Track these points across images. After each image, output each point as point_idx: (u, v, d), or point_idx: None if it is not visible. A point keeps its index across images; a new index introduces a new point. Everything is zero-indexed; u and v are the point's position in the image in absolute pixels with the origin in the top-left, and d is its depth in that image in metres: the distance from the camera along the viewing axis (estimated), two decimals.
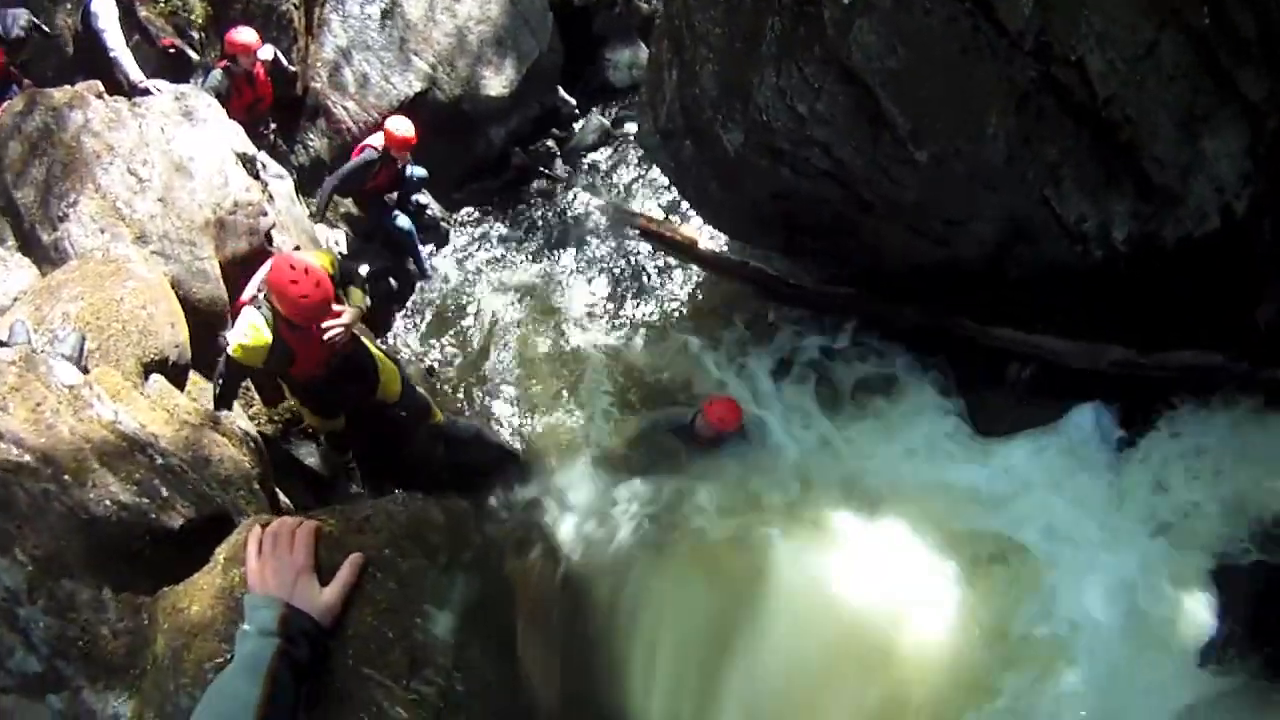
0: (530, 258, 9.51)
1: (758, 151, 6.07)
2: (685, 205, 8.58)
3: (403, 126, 8.50)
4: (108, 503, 3.40)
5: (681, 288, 8.73)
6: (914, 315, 6.81)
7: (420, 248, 9.36)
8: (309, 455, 6.81)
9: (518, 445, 7.46)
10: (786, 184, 6.14)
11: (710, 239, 8.30)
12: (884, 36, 5.45)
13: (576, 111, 10.93)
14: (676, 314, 8.53)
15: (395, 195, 9.21)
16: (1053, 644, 5.50)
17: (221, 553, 2.57)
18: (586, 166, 10.74)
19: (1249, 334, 6.20)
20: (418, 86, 10.06)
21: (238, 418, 5.77)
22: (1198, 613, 5.60)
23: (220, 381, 5.61)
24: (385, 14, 10.21)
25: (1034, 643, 5.51)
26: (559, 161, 10.70)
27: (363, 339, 6.27)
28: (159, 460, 3.84)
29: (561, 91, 11.09)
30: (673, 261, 8.78)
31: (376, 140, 8.67)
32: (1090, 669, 5.39)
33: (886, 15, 5.43)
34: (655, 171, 9.35)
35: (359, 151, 8.70)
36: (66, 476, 3.36)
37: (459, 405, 7.96)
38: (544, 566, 5.70)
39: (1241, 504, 5.97)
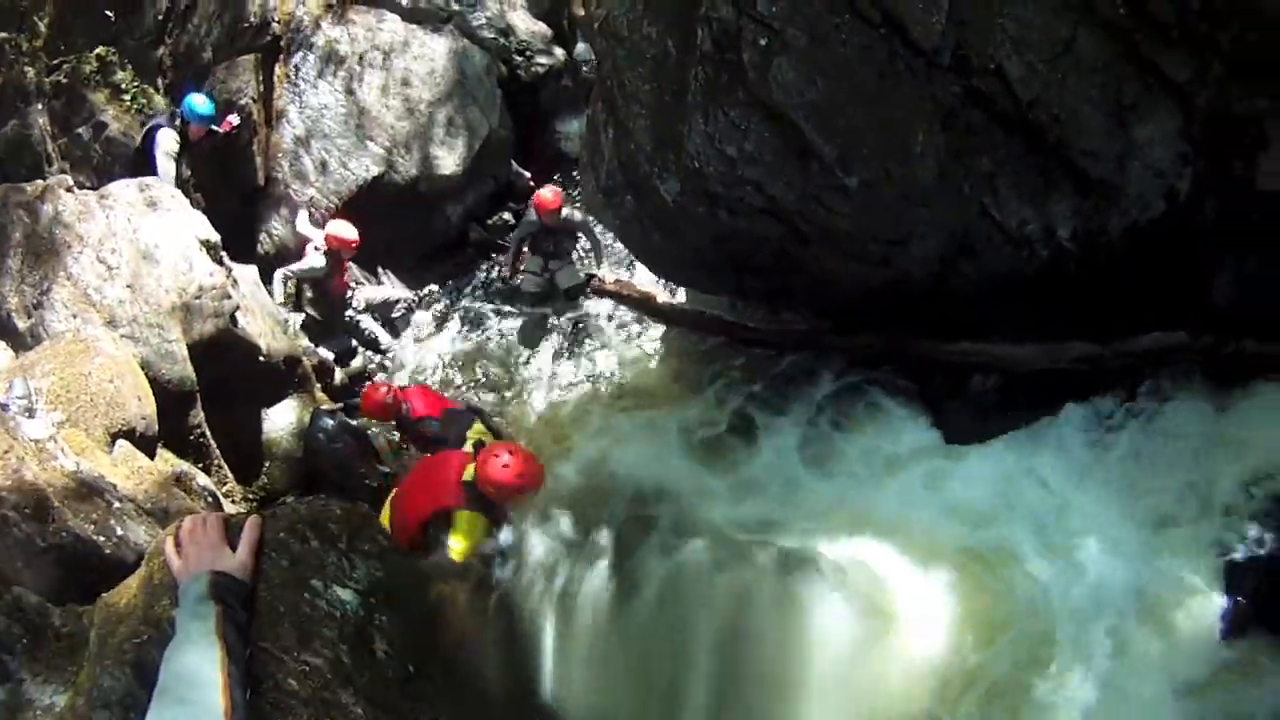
0: (493, 329, 9.62)
1: (694, 198, 6.16)
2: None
3: (344, 230, 8.72)
4: (64, 534, 3.75)
5: (644, 342, 8.77)
6: (871, 341, 6.81)
7: (381, 329, 9.50)
8: None
9: None
10: (725, 227, 6.22)
11: (668, 291, 8.44)
12: (802, 72, 5.61)
13: (531, 184, 11.00)
14: (639, 368, 8.57)
15: (353, 293, 9.40)
16: (1058, 643, 5.45)
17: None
18: None
19: (1207, 312, 6.17)
20: (375, 170, 10.27)
21: (200, 477, 6.04)
22: (1201, 595, 5.55)
23: None
24: (340, 102, 10.44)
25: (1038, 644, 5.46)
26: None
27: None
28: (116, 505, 4.19)
29: (515, 165, 11.25)
30: (634, 317, 8.90)
31: (319, 240, 8.88)
32: (1099, 663, 5.36)
33: (803, 51, 5.59)
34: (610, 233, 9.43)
35: (304, 250, 8.91)
36: (27, 509, 3.71)
37: None
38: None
39: (1229, 480, 5.91)
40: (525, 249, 9.58)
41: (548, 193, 9.33)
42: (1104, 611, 5.61)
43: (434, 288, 10.45)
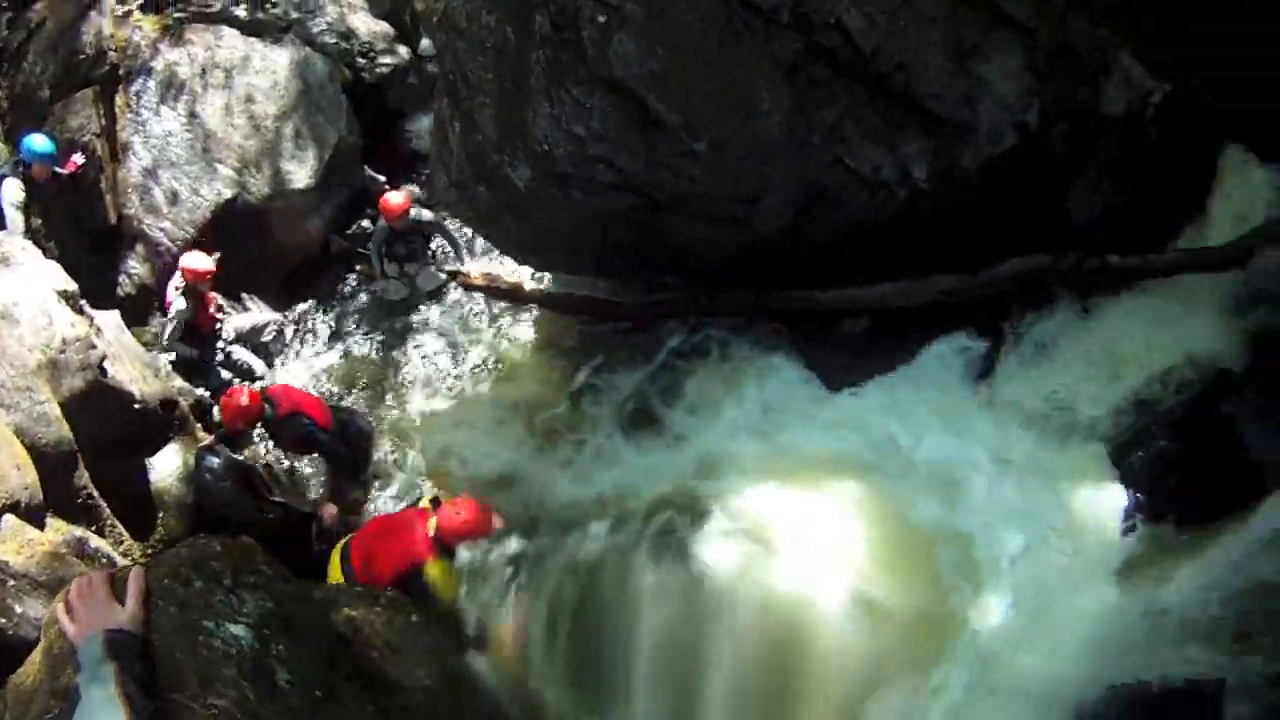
0: (365, 340, 9.35)
1: (546, 182, 6.13)
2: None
3: (196, 261, 8.36)
4: None
5: (518, 331, 8.62)
6: (739, 300, 6.82)
7: (253, 357, 9.16)
8: None
9: None
10: (580, 206, 6.20)
11: (534, 278, 8.35)
12: (642, 44, 5.61)
13: (387, 186, 10.62)
14: (516, 358, 8.42)
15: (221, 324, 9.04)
16: (961, 564, 5.43)
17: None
18: None
19: (1069, 233, 6.34)
20: (227, 194, 9.86)
21: (93, 540, 5.89)
22: (1100, 496, 5.66)
23: None
24: (185, 127, 10.01)
25: (953, 574, 5.40)
26: None
27: None
28: (11, 583, 4.22)
29: (368, 170, 10.90)
30: (505, 308, 8.76)
31: (178, 280, 8.52)
32: (1007, 577, 5.35)
33: (642, 24, 5.59)
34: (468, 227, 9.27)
35: (168, 300, 8.53)
36: None
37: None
38: None
39: (1108, 384, 6.10)
40: (384, 255, 9.38)
41: (393, 196, 9.15)
42: (1004, 526, 5.62)
43: (301, 306, 10.02)
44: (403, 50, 11.51)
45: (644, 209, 6.15)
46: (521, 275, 8.49)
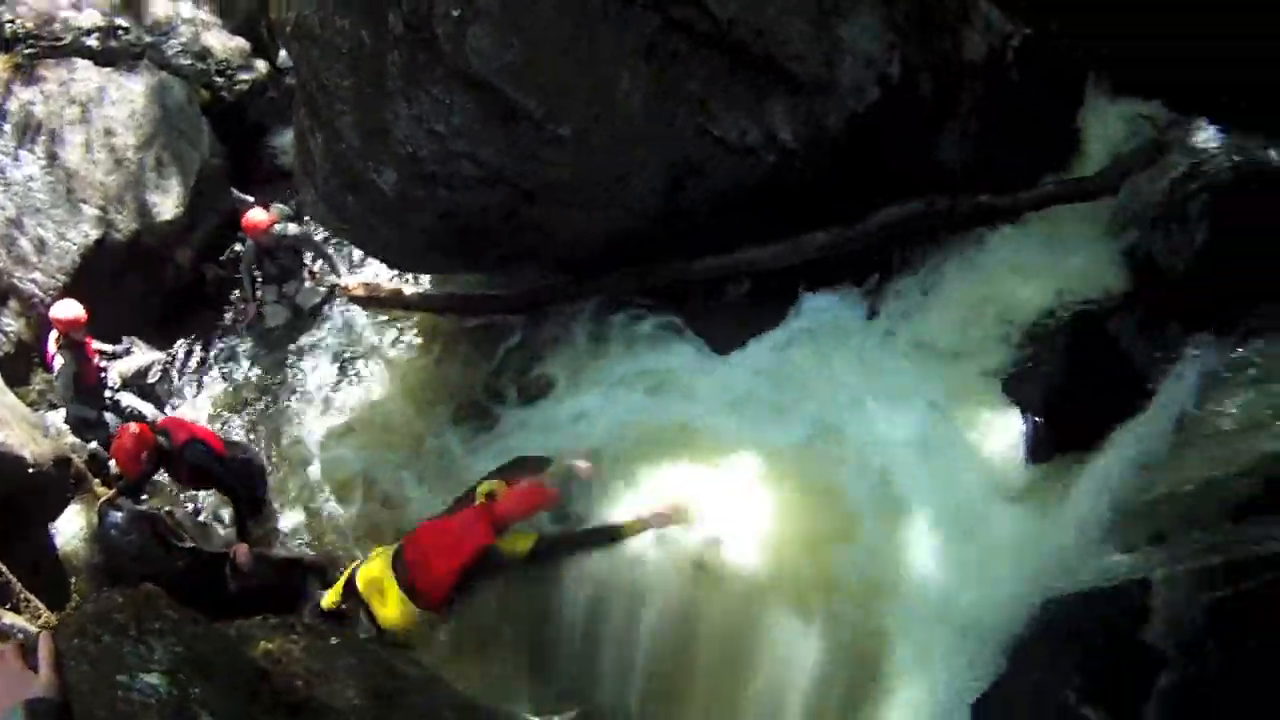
0: (253, 367, 9.02)
1: (413, 183, 6.05)
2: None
3: (65, 310, 8.00)
4: None
5: (405, 338, 8.45)
6: (620, 280, 6.84)
7: (141, 401, 8.81)
8: None
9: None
10: (449, 204, 6.14)
11: (413, 282, 8.26)
12: (498, 36, 5.54)
13: (256, 207, 10.31)
14: (407, 362, 8.27)
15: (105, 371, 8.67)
16: (884, 503, 5.63)
17: None
18: None
19: (940, 179, 6.48)
20: (94, 234, 9.40)
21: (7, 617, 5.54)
22: (999, 425, 5.93)
23: None
24: (46, 170, 9.56)
25: (864, 515, 5.61)
26: None
27: None
28: None
29: (236, 192, 10.53)
30: (388, 317, 8.57)
31: (55, 333, 8.17)
32: (930, 509, 5.59)
33: (497, 15, 5.53)
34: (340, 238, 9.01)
35: (49, 356, 8.16)
36: None
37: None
38: None
39: (993, 318, 6.34)
40: (258, 277, 9.09)
41: (255, 213, 8.85)
42: (908, 462, 5.85)
43: (184, 342, 9.60)
44: (260, 65, 11.25)
45: (513, 201, 6.12)
46: (400, 281, 8.36)
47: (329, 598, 5.71)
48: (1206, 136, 6.10)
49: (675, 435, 6.16)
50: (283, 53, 11.17)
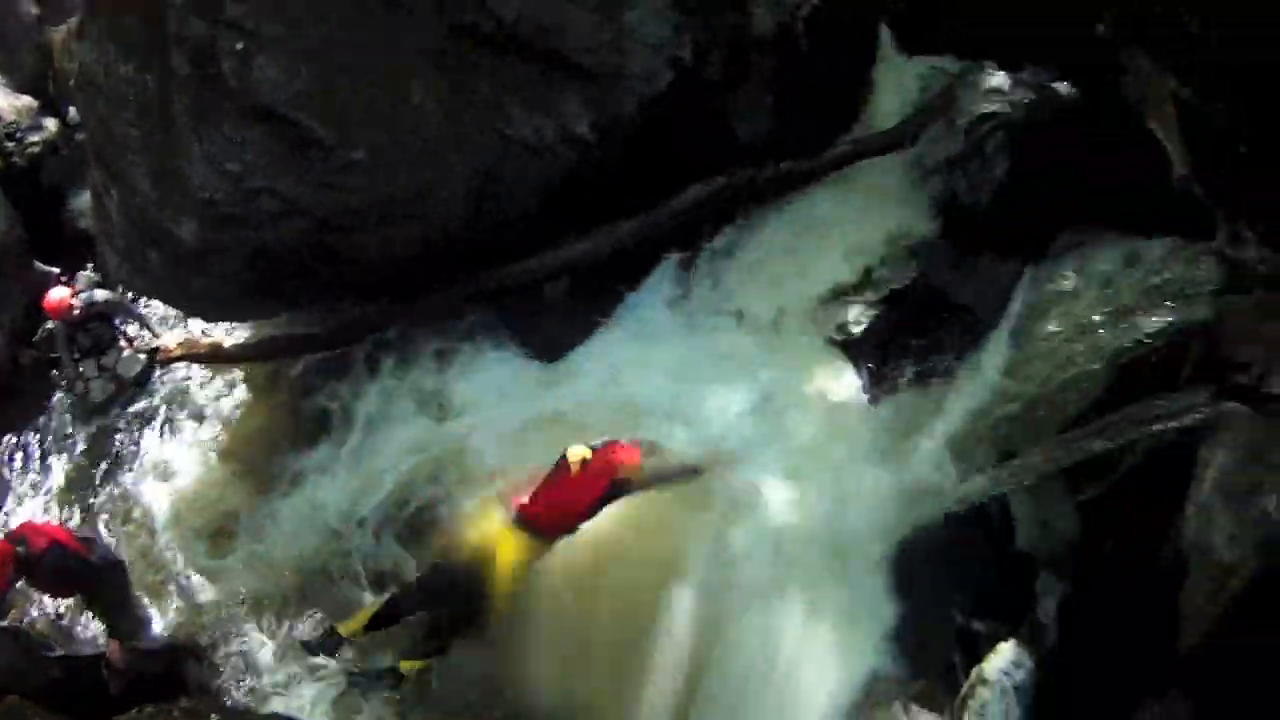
0: (88, 450, 8.43)
1: (215, 228, 5.86)
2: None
3: None
4: None
5: (234, 392, 8.04)
6: (438, 297, 6.71)
7: None
8: None
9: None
10: (253, 244, 5.99)
11: (231, 333, 7.82)
12: (284, 64, 5.47)
13: (62, 279, 9.63)
14: (240, 417, 7.88)
15: None
16: (737, 477, 5.78)
17: None
18: None
19: (741, 153, 6.66)
20: None
21: None
22: (839, 377, 6.29)
23: None
24: None
25: (716, 491, 5.74)
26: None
27: None
28: None
29: (40, 265, 9.88)
30: (213, 372, 8.19)
31: None
32: (780, 473, 5.80)
33: (281, 42, 5.44)
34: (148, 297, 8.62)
35: None
36: None
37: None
38: None
39: (814, 276, 6.64)
40: (75, 354, 8.65)
41: (54, 294, 8.31)
42: (755, 429, 6.08)
43: (8, 437, 9.13)
44: (50, 123, 10.43)
45: (318, 231, 6.01)
46: (218, 334, 7.92)
47: (352, 625, 5.69)
48: (997, 79, 6.50)
49: (514, 442, 6.20)
50: (72, 108, 10.68)
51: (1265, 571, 3.57)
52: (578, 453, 5.47)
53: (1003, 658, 4.70)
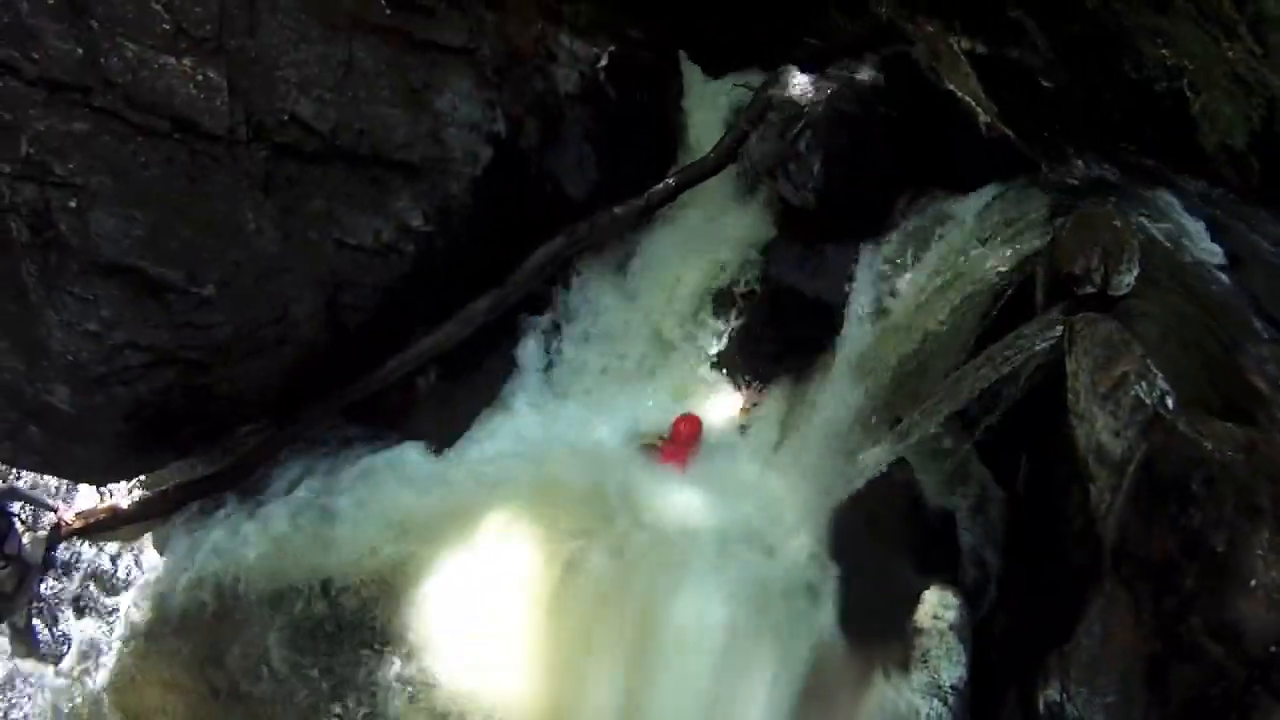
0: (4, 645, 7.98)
1: (86, 391, 5.84)
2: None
3: None
4: None
5: (145, 553, 7.68)
6: (316, 412, 6.70)
7: None
8: None
9: None
10: (127, 400, 5.95)
11: (128, 493, 7.53)
12: (119, 213, 5.51)
13: None
14: (150, 583, 7.41)
15: None
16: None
17: None
18: None
19: (576, 209, 6.99)
20: None
21: None
22: (715, 389, 6.95)
23: None
24: None
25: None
26: None
27: None
28: None
29: None
30: (118, 536, 7.71)
31: None
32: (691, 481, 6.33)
33: (112, 192, 5.48)
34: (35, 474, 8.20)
35: None
36: None
37: None
38: None
39: (675, 307, 7.11)
40: None
41: None
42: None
43: None
44: None
45: (188, 374, 6.01)
46: (112, 497, 7.66)
47: None
48: (800, 80, 6.70)
49: (427, 536, 6.36)
50: None
51: (1153, 453, 3.77)
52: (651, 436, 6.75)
53: (930, 604, 4.96)
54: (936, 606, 4.93)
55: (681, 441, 6.73)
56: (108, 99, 5.34)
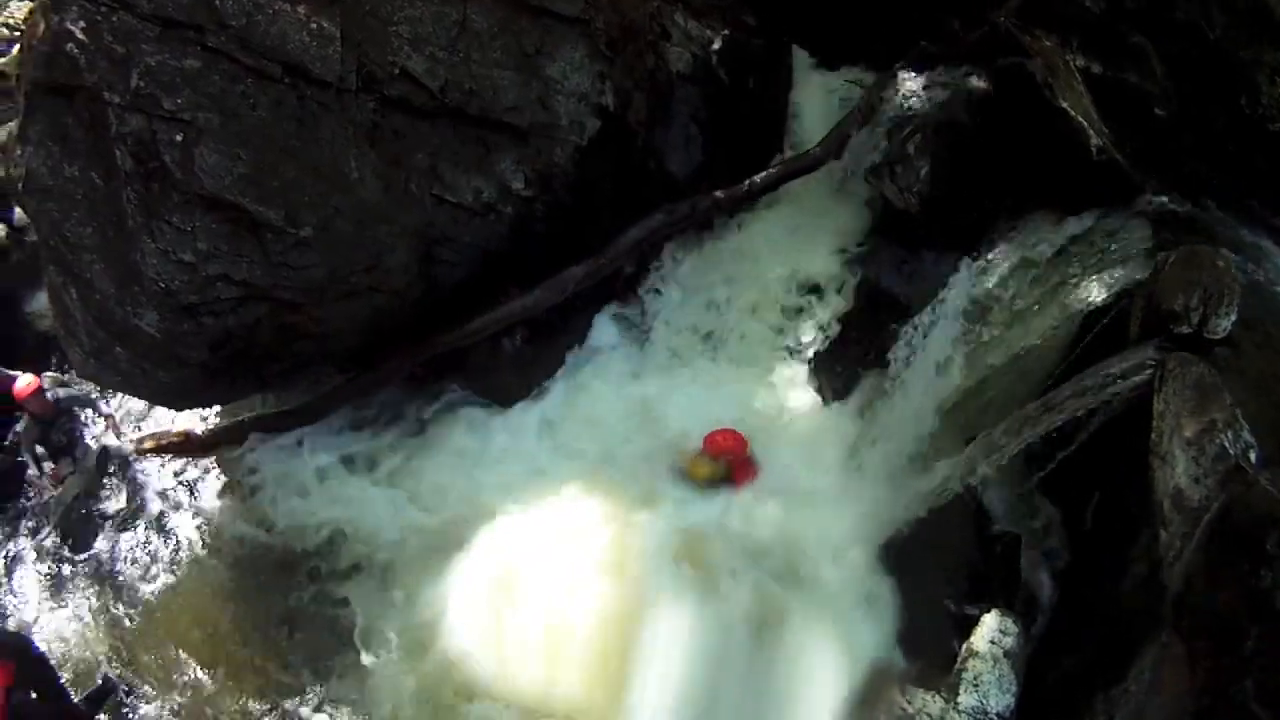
0: (74, 549, 8.15)
1: (175, 319, 5.92)
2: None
3: None
4: None
5: (210, 480, 7.89)
6: (399, 363, 6.83)
7: None
8: None
9: None
10: (216, 331, 6.05)
11: (203, 420, 7.93)
12: (224, 151, 5.57)
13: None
14: (220, 506, 7.68)
15: None
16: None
17: None
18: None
19: (678, 188, 6.96)
20: None
21: None
22: (796, 387, 6.78)
23: None
24: None
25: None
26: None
27: None
28: None
29: (3, 370, 9.81)
30: (189, 460, 8.05)
31: None
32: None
33: (219, 130, 5.55)
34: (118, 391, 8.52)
35: None
36: None
37: None
38: None
39: (768, 299, 6.97)
40: (42, 453, 8.58)
41: (20, 380, 8.28)
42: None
43: None
44: None
45: (278, 312, 6.09)
46: (188, 423, 8.00)
47: None
48: (912, 82, 6.63)
49: (487, 499, 6.38)
50: (18, 210, 10.65)
51: (1231, 504, 3.62)
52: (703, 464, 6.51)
53: (988, 627, 4.86)
54: (995, 631, 4.83)
55: (737, 460, 6.45)
56: (221, 40, 5.37)
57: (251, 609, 6.85)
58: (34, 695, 6.01)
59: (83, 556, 8.11)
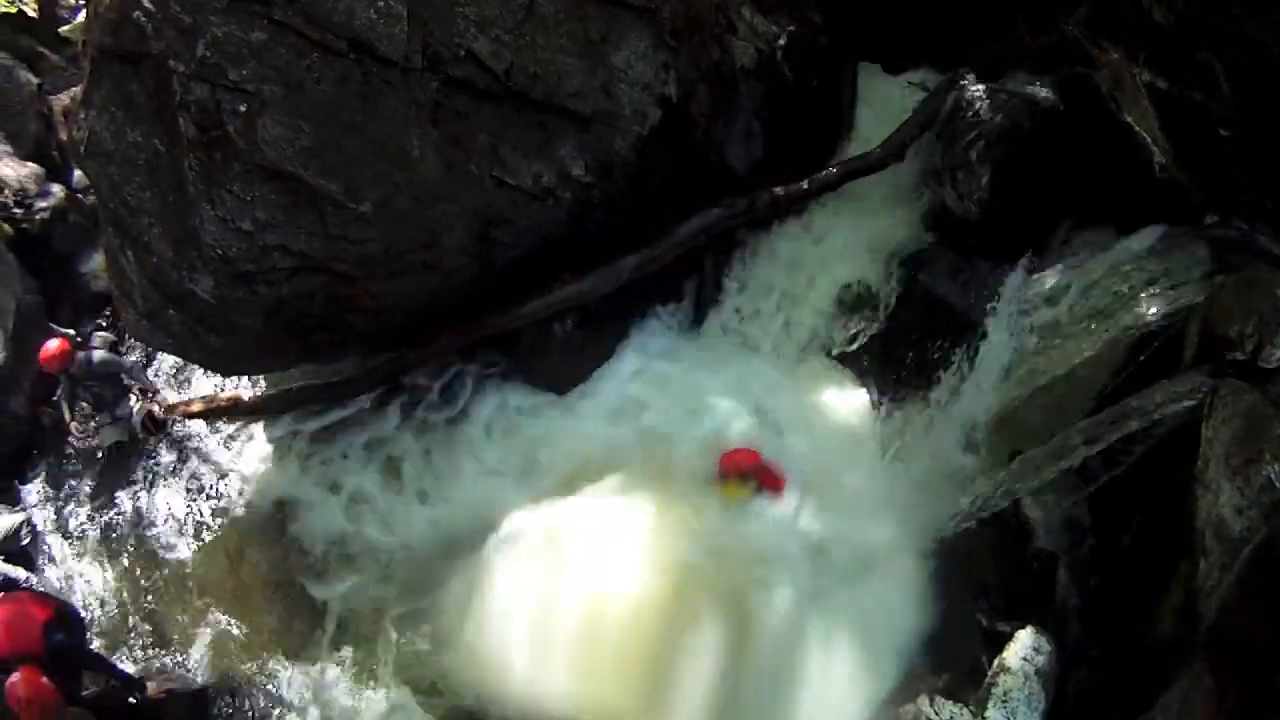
0: (114, 502, 8.53)
1: (231, 285, 5.97)
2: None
3: None
4: None
5: (255, 445, 8.04)
6: (449, 343, 6.85)
7: (11, 567, 8.29)
8: None
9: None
10: (269, 299, 6.09)
11: (250, 387, 8.02)
12: (287, 123, 5.61)
13: (79, 338, 9.65)
14: (260, 471, 7.85)
15: None
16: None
17: None
18: None
19: (736, 183, 6.88)
20: None
21: None
22: (844, 389, 6.76)
23: None
24: None
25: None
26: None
27: None
28: None
29: (55, 327, 9.82)
30: (234, 427, 8.26)
31: None
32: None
33: (283, 103, 5.58)
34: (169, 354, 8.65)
35: None
36: None
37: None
38: None
39: (816, 299, 6.96)
40: (83, 406, 8.68)
41: (48, 344, 8.44)
42: (774, 444, 6.41)
43: (37, 493, 9.11)
44: (57, 189, 10.56)
45: (332, 284, 6.13)
46: (235, 388, 8.14)
47: None
48: (976, 89, 6.48)
49: (535, 485, 6.41)
50: (77, 173, 10.81)
51: (1273, 537, 3.55)
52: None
53: (1022, 644, 4.78)
54: (1028, 649, 4.74)
55: (759, 472, 6.33)
56: (288, 14, 5.40)
57: (286, 571, 6.96)
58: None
59: (128, 515, 8.28)
